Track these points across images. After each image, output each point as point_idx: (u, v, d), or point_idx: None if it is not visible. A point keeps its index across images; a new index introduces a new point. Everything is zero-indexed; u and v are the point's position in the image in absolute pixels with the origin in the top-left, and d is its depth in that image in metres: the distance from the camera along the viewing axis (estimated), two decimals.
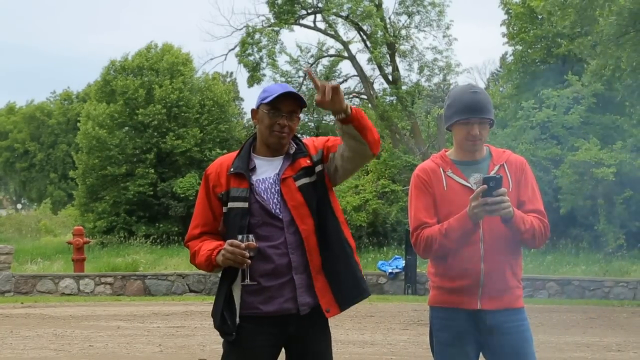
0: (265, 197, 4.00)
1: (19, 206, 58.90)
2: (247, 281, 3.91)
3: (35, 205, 54.14)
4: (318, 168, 4.09)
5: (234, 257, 3.83)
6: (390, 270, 19.13)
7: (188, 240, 4.14)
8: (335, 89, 3.74)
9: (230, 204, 4.00)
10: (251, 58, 32.10)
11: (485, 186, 3.85)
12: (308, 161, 4.09)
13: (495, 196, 3.85)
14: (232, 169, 4.04)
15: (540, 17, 27.48)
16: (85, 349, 10.63)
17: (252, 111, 4.12)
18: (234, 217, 3.98)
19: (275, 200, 4.01)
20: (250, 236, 3.86)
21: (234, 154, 4.17)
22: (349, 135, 3.87)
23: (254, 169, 4.06)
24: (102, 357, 10.09)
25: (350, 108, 3.82)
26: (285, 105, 4.01)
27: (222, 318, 3.99)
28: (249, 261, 3.84)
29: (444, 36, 32.60)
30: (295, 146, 4.13)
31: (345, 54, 33.04)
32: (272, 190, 4.03)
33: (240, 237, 3.85)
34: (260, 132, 4.09)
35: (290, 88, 4.06)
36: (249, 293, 3.97)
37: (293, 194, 4.01)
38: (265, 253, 3.94)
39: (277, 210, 3.99)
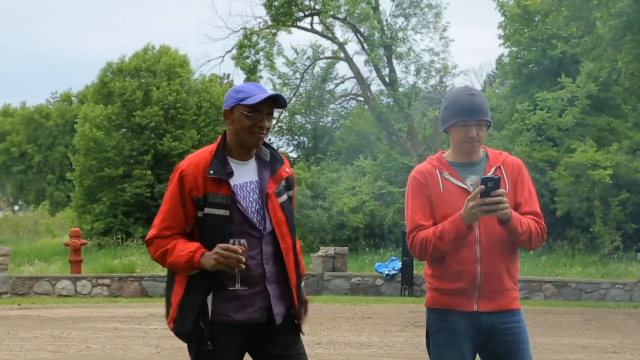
0: (244, 205, 3.92)
1: (16, 208, 58.83)
2: (238, 286, 3.83)
3: (32, 207, 54.07)
4: (289, 193, 4.11)
5: (228, 261, 3.75)
6: (387, 272, 19.15)
7: (155, 237, 3.94)
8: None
9: (208, 210, 3.87)
10: (248, 60, 32.12)
11: (483, 186, 3.86)
12: (287, 169, 4.09)
13: (493, 196, 3.85)
14: (211, 172, 3.89)
15: (536, 18, 27.56)
16: (82, 351, 10.63)
17: (225, 112, 3.97)
18: (214, 224, 3.87)
19: (253, 209, 3.94)
20: (242, 241, 3.80)
21: (206, 152, 4.01)
22: None
23: (231, 174, 3.93)
24: (99, 358, 10.09)
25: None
26: (265, 107, 3.93)
27: (195, 326, 3.85)
28: (244, 266, 3.79)
29: (440, 38, 32.66)
30: (268, 152, 4.07)
31: (342, 56, 33.07)
32: (251, 197, 3.96)
33: (232, 241, 3.78)
34: (235, 133, 3.95)
35: (266, 89, 3.99)
36: (221, 300, 3.89)
37: (276, 211, 3.97)
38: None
39: (256, 221, 3.93)
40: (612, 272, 20.12)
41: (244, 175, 3.98)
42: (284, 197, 4.04)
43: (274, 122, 36.64)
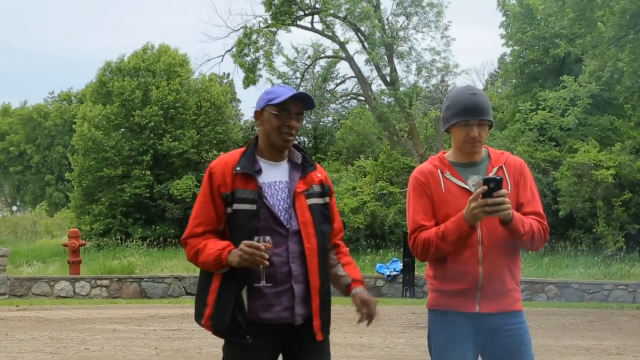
0: (271, 202, 3.99)
1: (14, 208, 58.89)
2: (264, 283, 3.90)
3: (30, 208, 54.14)
4: (326, 199, 4.17)
5: (252, 258, 3.79)
6: (388, 273, 19.14)
7: (188, 237, 4.05)
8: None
9: (236, 206, 3.95)
10: (248, 59, 32.06)
11: (485, 187, 3.83)
12: (319, 175, 4.15)
13: (495, 197, 3.83)
14: (238, 168, 3.98)
15: (538, 17, 27.54)
16: (81, 352, 10.62)
17: (256, 112, 4.10)
18: (241, 219, 3.94)
19: (281, 207, 4.00)
20: (267, 238, 3.85)
21: (237, 152, 4.11)
22: None
23: (259, 171, 4.01)
24: None
25: None
26: (293, 106, 4.02)
27: (233, 321, 3.91)
28: (267, 262, 3.83)
29: (442, 37, 32.59)
30: (300, 155, 4.14)
31: (343, 55, 33.02)
32: (279, 196, 4.03)
33: (256, 238, 3.83)
34: (265, 133, 4.06)
35: (294, 90, 4.07)
36: (251, 299, 3.95)
37: (304, 211, 4.03)
38: (269, 259, 3.91)
39: (283, 218, 3.99)
40: (615, 273, 20.15)
41: (274, 175, 4.06)
42: (316, 200, 4.10)
43: None
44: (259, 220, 3.93)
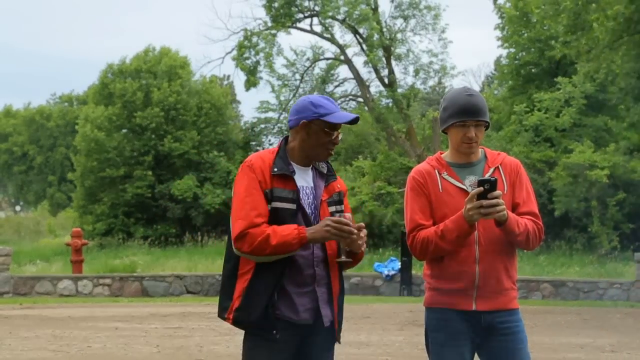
0: (304, 205, 4.04)
1: (18, 208, 58.86)
2: (343, 257, 3.96)
3: (33, 208, 54.13)
4: (341, 206, 4.19)
5: (339, 231, 3.85)
6: (386, 272, 19.20)
7: (248, 228, 3.88)
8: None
9: (275, 204, 3.95)
10: (248, 61, 32.20)
11: (480, 188, 3.87)
12: (339, 185, 4.19)
13: (490, 199, 3.87)
14: (276, 169, 3.96)
15: (533, 20, 27.64)
16: (84, 350, 10.68)
17: (303, 123, 4.01)
18: (282, 217, 3.93)
19: (310, 211, 4.05)
20: (347, 214, 3.95)
21: (270, 152, 4.09)
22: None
23: (293, 172, 4.03)
24: (100, 357, 10.15)
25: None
26: (340, 124, 4.05)
27: (265, 313, 3.91)
28: (355, 236, 3.90)
29: (439, 39, 32.75)
30: (325, 165, 4.16)
31: (342, 57, 33.15)
32: (308, 200, 4.06)
33: (337, 214, 3.94)
34: (308, 144, 4.03)
35: (337, 105, 4.10)
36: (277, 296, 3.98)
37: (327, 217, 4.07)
38: (294, 260, 3.97)
39: (313, 222, 4.02)
40: (610, 272, 20.14)
41: (302, 179, 4.07)
42: (335, 208, 4.13)
43: (274, 122, 36.68)
44: (296, 220, 3.95)
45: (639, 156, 24.55)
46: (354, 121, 4.07)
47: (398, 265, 19.14)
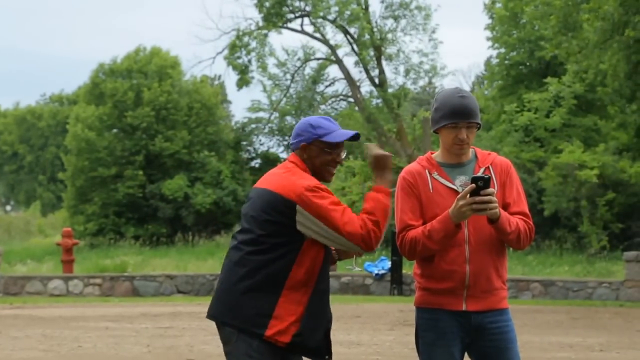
0: None
1: (8, 208, 58.77)
2: (356, 267, 4.28)
3: (23, 208, 54.04)
4: None
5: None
6: (376, 272, 19.23)
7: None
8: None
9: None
10: (240, 61, 32.24)
11: (473, 185, 3.88)
12: None
13: (483, 195, 3.88)
14: None
15: (523, 21, 27.75)
16: (74, 350, 10.67)
17: (303, 146, 4.06)
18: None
19: None
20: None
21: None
22: None
23: None
24: (91, 357, 10.14)
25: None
26: (341, 143, 4.11)
27: (325, 337, 4.06)
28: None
29: (429, 40, 32.87)
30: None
31: (333, 58, 33.20)
32: None
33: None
34: (312, 165, 4.08)
35: (336, 123, 4.15)
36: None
37: None
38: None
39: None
40: (599, 271, 20.21)
41: None
42: None
43: (265, 122, 36.66)
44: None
45: (628, 156, 24.66)
46: (355, 138, 4.11)
47: (388, 264, 19.17)
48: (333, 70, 59.79)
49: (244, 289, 3.96)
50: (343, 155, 4.12)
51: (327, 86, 35.67)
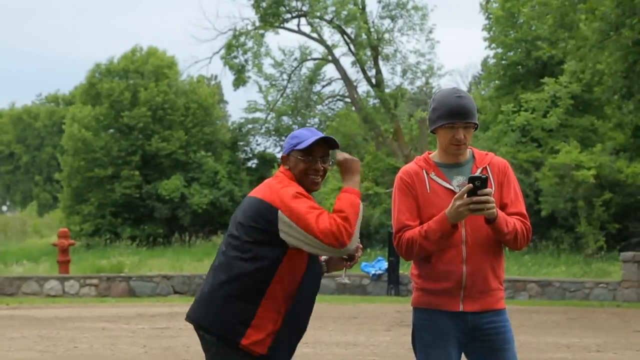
0: None
1: (4, 208, 58.75)
2: (346, 279, 4.30)
3: (19, 208, 54.01)
4: None
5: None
6: (373, 272, 19.24)
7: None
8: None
9: None
10: (236, 61, 32.24)
11: (470, 185, 3.88)
12: None
13: (480, 195, 3.89)
14: None
15: (520, 21, 27.77)
16: (70, 350, 10.67)
17: (283, 157, 4.12)
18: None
19: None
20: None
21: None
22: None
23: None
24: (87, 358, 10.14)
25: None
26: (318, 150, 4.05)
27: (289, 355, 4.13)
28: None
29: (426, 40, 32.89)
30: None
31: (329, 58, 33.20)
32: None
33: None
34: (295, 176, 4.08)
35: (319, 132, 4.13)
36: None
37: None
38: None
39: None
40: (596, 272, 20.23)
41: None
42: None
43: (262, 123, 36.65)
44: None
45: (625, 156, 24.69)
46: (331, 144, 4.09)
47: (385, 265, 19.18)
48: (330, 71, 59.91)
49: (225, 295, 3.97)
50: (324, 163, 4.08)
51: (324, 86, 35.71)
